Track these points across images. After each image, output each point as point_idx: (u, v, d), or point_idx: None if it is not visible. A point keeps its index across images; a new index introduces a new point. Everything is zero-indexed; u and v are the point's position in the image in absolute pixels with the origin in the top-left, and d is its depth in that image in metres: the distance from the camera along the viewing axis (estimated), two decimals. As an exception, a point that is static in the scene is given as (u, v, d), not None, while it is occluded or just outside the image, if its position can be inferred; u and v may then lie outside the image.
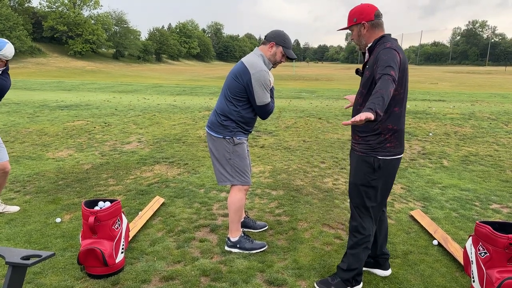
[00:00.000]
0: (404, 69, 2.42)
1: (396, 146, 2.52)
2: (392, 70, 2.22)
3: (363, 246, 2.65)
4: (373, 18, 2.51)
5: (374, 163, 2.51)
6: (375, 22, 2.51)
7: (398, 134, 2.52)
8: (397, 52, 2.36)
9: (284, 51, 3.10)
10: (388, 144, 2.49)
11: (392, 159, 2.53)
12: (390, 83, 2.15)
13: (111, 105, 11.58)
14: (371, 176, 2.54)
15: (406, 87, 2.50)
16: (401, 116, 2.51)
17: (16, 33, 43.32)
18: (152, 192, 4.61)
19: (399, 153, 2.56)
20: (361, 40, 2.59)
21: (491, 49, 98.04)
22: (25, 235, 3.44)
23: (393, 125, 2.48)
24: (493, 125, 8.87)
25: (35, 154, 6.29)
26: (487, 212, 4.16)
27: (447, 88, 22.32)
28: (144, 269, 2.91)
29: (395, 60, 2.30)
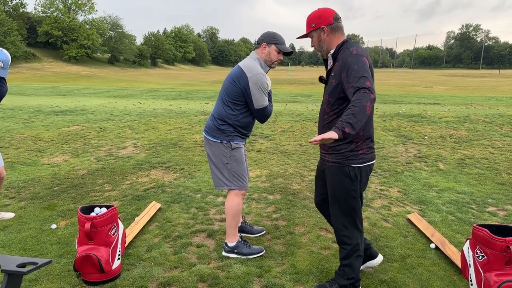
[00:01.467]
0: (372, 73, 2.40)
1: (368, 153, 2.51)
2: (367, 81, 2.19)
3: (355, 256, 2.62)
4: (332, 21, 2.48)
5: (350, 172, 2.47)
6: (335, 26, 2.49)
7: (369, 141, 2.51)
8: (366, 57, 2.34)
9: (278, 48, 3.06)
10: (360, 151, 2.47)
11: (366, 165, 2.51)
12: (367, 97, 2.12)
13: (107, 110, 11.54)
14: (351, 187, 2.50)
15: None
16: (370, 123, 2.51)
17: (10, 38, 43.15)
18: (149, 197, 4.58)
19: (372, 159, 2.55)
20: (322, 45, 2.55)
21: (484, 53, 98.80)
22: (20, 242, 3.41)
23: (364, 132, 2.46)
24: (488, 128, 8.92)
25: (30, 160, 6.25)
26: (484, 215, 4.17)
27: (442, 92, 22.45)
28: (141, 275, 2.89)
29: (366, 67, 2.28)
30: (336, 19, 2.49)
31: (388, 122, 9.60)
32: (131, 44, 66.14)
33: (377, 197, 4.70)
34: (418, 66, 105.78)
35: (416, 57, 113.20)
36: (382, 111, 11.28)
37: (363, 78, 2.19)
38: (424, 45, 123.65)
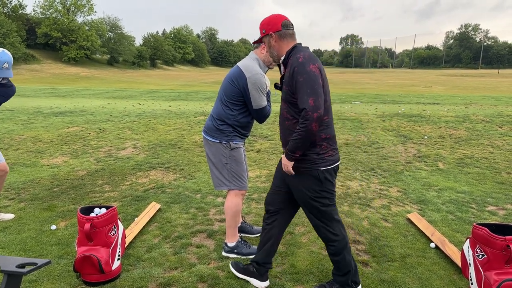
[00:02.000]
0: (324, 77, 2.43)
1: (334, 154, 2.53)
2: (310, 99, 2.26)
3: (345, 250, 2.63)
4: (280, 28, 2.52)
5: (319, 175, 2.48)
6: (283, 33, 2.52)
7: (332, 141, 2.53)
8: (312, 65, 2.35)
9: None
10: (326, 154, 2.49)
11: (333, 167, 2.53)
12: (310, 119, 2.25)
13: (106, 111, 11.54)
14: (320, 189, 2.51)
15: (328, 93, 2.49)
16: (331, 124, 2.52)
17: (9, 40, 43.14)
18: (148, 198, 4.58)
19: (337, 161, 2.57)
20: (272, 51, 2.61)
21: (484, 52, 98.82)
22: (20, 243, 3.41)
23: (326, 134, 2.47)
24: (487, 128, 8.92)
25: (30, 161, 6.25)
26: (484, 214, 4.17)
27: (441, 91, 22.46)
28: (140, 275, 2.89)
29: (311, 79, 2.30)
30: (284, 26, 2.52)
31: (387, 122, 9.61)
32: (130, 45, 66.10)
33: (376, 197, 4.70)
34: (417, 66, 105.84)
35: (415, 57, 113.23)
36: (382, 111, 11.29)
37: (307, 96, 2.27)
38: (423, 45, 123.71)
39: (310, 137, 2.32)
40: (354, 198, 4.65)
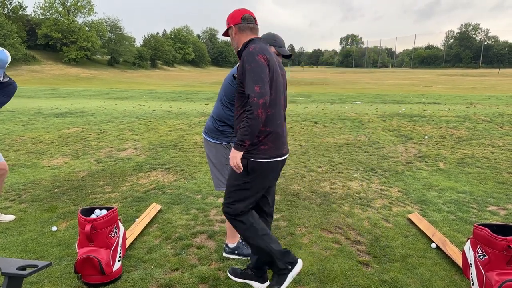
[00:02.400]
0: (273, 70, 2.42)
1: (271, 149, 2.49)
2: (256, 86, 2.28)
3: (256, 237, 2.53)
4: (240, 21, 2.59)
5: (248, 165, 2.47)
6: (242, 26, 2.59)
7: (273, 137, 2.49)
8: (261, 55, 2.38)
9: (276, 50, 3.01)
10: (262, 146, 2.46)
11: (268, 161, 2.50)
12: (255, 105, 2.27)
13: (106, 112, 11.54)
14: (244, 179, 2.51)
15: (278, 88, 2.49)
16: (275, 119, 2.49)
17: (10, 40, 43.16)
18: (149, 199, 4.58)
19: (276, 156, 2.53)
20: (233, 43, 2.69)
21: (484, 52, 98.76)
22: (21, 244, 3.41)
23: (266, 127, 2.46)
24: (488, 127, 8.92)
25: (30, 162, 6.25)
26: (485, 214, 4.17)
27: (441, 91, 22.45)
28: (141, 277, 2.89)
29: (258, 68, 2.33)
30: (244, 19, 2.60)
31: (388, 122, 9.60)
32: (131, 46, 66.12)
33: (377, 197, 4.69)
34: (418, 66, 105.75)
35: (415, 57, 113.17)
36: (382, 111, 11.28)
37: (253, 83, 2.30)
38: (423, 45, 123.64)
39: (257, 124, 2.31)
40: (354, 198, 4.65)
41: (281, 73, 2.59)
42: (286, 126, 2.64)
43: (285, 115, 2.66)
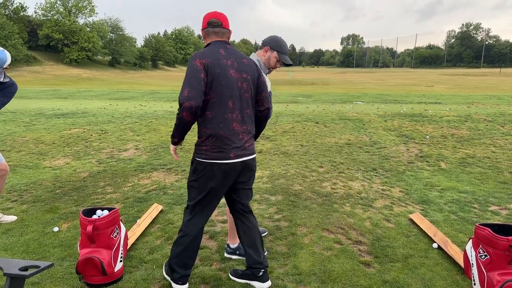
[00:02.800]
0: (213, 74, 2.44)
1: (213, 151, 2.49)
2: (185, 90, 2.38)
3: (178, 243, 2.66)
4: (206, 26, 2.63)
5: (193, 163, 2.60)
6: (207, 30, 2.63)
7: (215, 139, 2.48)
8: (199, 59, 2.45)
9: (278, 56, 3.05)
10: (204, 147, 2.51)
11: (210, 163, 2.50)
12: (180, 108, 2.39)
13: (108, 112, 11.56)
14: (191, 176, 2.63)
15: (220, 91, 2.47)
16: (216, 121, 2.48)
17: (11, 41, 43.25)
18: (150, 200, 4.59)
19: (219, 159, 2.50)
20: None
21: (485, 51, 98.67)
22: (23, 245, 3.41)
23: (207, 129, 2.49)
24: (489, 127, 8.91)
25: (32, 163, 6.26)
26: (486, 214, 4.16)
27: (443, 91, 22.42)
28: (143, 277, 2.89)
29: (192, 73, 2.42)
30: (209, 24, 2.62)
31: (389, 121, 9.60)
32: (132, 47, 66.22)
33: (379, 197, 4.69)
34: (419, 66, 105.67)
35: (416, 57, 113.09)
36: (383, 111, 11.28)
37: (184, 86, 2.40)
38: (424, 45, 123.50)
39: (182, 125, 2.44)
40: (356, 198, 4.64)
41: (239, 77, 2.54)
42: (246, 130, 2.59)
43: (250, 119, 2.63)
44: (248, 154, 2.62)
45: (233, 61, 2.55)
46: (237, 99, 2.53)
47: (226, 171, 2.54)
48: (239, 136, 2.55)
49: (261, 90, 2.68)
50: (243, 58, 2.63)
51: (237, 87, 2.52)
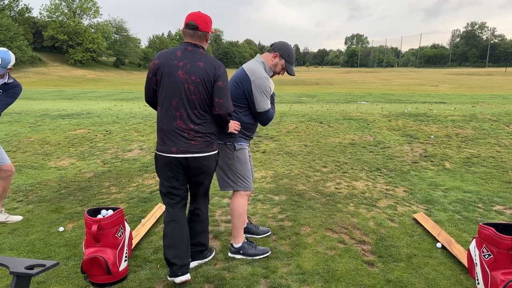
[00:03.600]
0: (161, 73, 2.69)
1: (160, 143, 2.78)
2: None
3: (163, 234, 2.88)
4: (184, 26, 2.78)
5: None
6: (184, 31, 2.79)
7: (161, 133, 2.76)
8: (153, 60, 2.74)
9: (285, 66, 3.16)
10: (157, 138, 2.80)
11: (158, 154, 2.80)
12: None
13: (112, 113, 11.60)
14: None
15: (165, 89, 2.70)
16: (161, 117, 2.75)
17: (16, 43, 43.51)
18: (155, 200, 4.61)
19: (162, 151, 2.75)
20: None
21: (491, 51, 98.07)
22: (28, 245, 3.44)
23: (157, 122, 2.79)
24: (494, 127, 8.86)
25: (37, 164, 6.30)
26: (490, 214, 4.15)
27: (447, 90, 22.33)
28: (147, 277, 2.91)
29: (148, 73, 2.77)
30: (186, 26, 2.76)
31: (393, 121, 9.57)
32: (136, 47, 66.43)
33: (383, 197, 4.69)
34: (424, 65, 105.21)
35: (421, 56, 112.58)
36: (388, 111, 11.25)
37: None
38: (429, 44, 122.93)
39: None
40: (360, 198, 4.64)
41: (187, 79, 2.65)
42: (193, 129, 2.70)
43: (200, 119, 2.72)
44: (194, 152, 2.72)
45: (186, 63, 2.68)
46: (182, 99, 2.67)
47: (168, 164, 2.75)
48: (184, 133, 2.69)
49: (215, 95, 2.71)
50: (200, 61, 2.69)
51: (183, 88, 2.66)
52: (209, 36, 2.84)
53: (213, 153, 2.83)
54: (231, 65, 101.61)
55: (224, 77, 2.74)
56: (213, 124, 2.80)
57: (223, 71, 2.76)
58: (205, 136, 2.75)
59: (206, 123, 2.75)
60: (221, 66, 2.77)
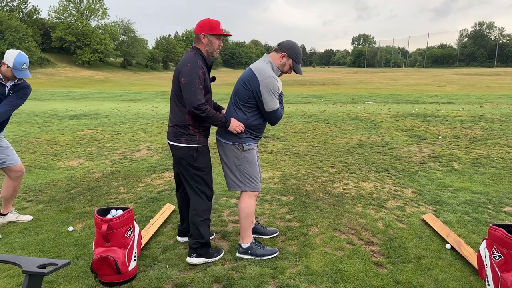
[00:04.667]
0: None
1: None
2: None
3: None
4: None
5: None
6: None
7: None
8: None
9: (293, 65, 3.17)
10: None
11: None
12: None
13: (120, 113, 11.67)
14: None
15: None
16: None
17: (25, 44, 43.94)
18: (163, 199, 4.63)
19: None
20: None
21: (499, 50, 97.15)
22: (39, 244, 3.48)
23: None
24: (503, 127, 8.79)
25: (46, 164, 6.36)
26: (500, 215, 4.12)
27: (455, 91, 22.19)
28: (156, 276, 2.93)
29: None
30: None
31: (401, 122, 9.53)
32: (143, 48, 66.74)
33: (391, 198, 4.67)
34: (431, 65, 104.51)
35: (428, 56, 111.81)
36: (395, 111, 11.20)
37: None
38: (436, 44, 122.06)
39: None
40: (368, 199, 4.63)
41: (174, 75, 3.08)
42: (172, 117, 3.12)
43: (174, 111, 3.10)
44: (168, 139, 3.14)
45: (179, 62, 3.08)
46: (171, 93, 3.12)
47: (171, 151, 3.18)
48: (170, 121, 3.14)
49: (181, 91, 2.99)
50: (182, 60, 3.03)
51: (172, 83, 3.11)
52: (203, 37, 3.03)
53: (180, 145, 3.06)
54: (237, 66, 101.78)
55: (186, 73, 2.91)
56: (182, 116, 3.03)
57: (187, 68, 2.93)
58: (176, 126, 3.07)
59: (176, 114, 3.07)
60: (187, 64, 2.95)
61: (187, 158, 3.07)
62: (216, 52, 3.14)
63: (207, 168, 3.16)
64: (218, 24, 3.09)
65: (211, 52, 3.11)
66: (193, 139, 3.06)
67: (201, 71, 2.96)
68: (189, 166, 3.09)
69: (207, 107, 2.95)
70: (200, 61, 2.99)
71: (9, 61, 3.54)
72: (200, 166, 3.11)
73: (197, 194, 3.14)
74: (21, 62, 3.57)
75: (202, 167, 3.11)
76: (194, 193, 3.15)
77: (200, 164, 3.10)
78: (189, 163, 3.08)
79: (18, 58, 3.55)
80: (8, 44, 42.06)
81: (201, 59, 3.04)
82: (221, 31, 3.09)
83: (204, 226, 3.17)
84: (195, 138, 3.06)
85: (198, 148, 3.08)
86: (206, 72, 3.05)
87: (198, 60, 2.99)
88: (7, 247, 3.45)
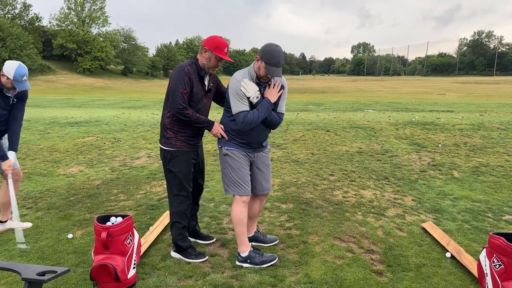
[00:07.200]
0: None
1: None
2: None
3: None
4: None
5: None
6: None
7: None
8: None
9: (266, 68, 2.98)
10: None
11: None
12: None
13: (120, 121, 11.69)
14: None
15: None
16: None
17: (26, 51, 44.15)
18: (162, 207, 4.62)
19: None
20: None
21: (498, 59, 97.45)
22: (38, 251, 3.47)
23: None
24: (503, 135, 8.80)
25: (46, 171, 6.36)
26: (500, 224, 4.12)
27: (455, 99, 22.24)
28: (155, 284, 2.92)
29: None
30: None
31: (401, 130, 9.55)
32: (144, 56, 66.96)
33: (391, 206, 4.67)
34: (430, 74, 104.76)
35: (428, 65, 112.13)
36: (395, 119, 11.22)
37: None
38: (436, 53, 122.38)
39: None
40: (368, 207, 4.63)
41: None
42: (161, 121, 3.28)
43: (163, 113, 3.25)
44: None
45: None
46: None
47: None
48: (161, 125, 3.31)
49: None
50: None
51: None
52: (205, 51, 3.12)
53: (160, 146, 3.26)
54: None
55: (172, 78, 3.08)
56: (163, 120, 3.21)
57: (174, 73, 3.10)
58: (161, 129, 3.27)
59: (161, 117, 3.26)
60: (176, 69, 3.10)
61: (163, 159, 3.28)
62: (212, 69, 3.20)
63: (182, 174, 3.24)
64: (225, 46, 3.12)
65: (207, 68, 3.16)
66: (168, 143, 3.20)
67: (187, 77, 3.04)
68: (165, 167, 3.29)
69: (189, 111, 3.07)
70: (190, 68, 3.08)
71: (10, 73, 3.55)
72: (174, 170, 3.23)
73: (172, 195, 3.31)
74: (22, 74, 3.58)
75: (176, 171, 3.22)
76: (169, 194, 3.34)
77: (173, 168, 3.23)
78: (164, 165, 3.29)
79: (19, 70, 3.57)
80: (10, 51, 42.25)
81: (194, 67, 3.11)
82: (224, 54, 3.10)
83: (174, 228, 3.33)
84: (171, 142, 3.19)
85: (172, 152, 3.19)
86: (196, 79, 3.11)
87: (189, 67, 3.08)
88: (6, 254, 3.44)
